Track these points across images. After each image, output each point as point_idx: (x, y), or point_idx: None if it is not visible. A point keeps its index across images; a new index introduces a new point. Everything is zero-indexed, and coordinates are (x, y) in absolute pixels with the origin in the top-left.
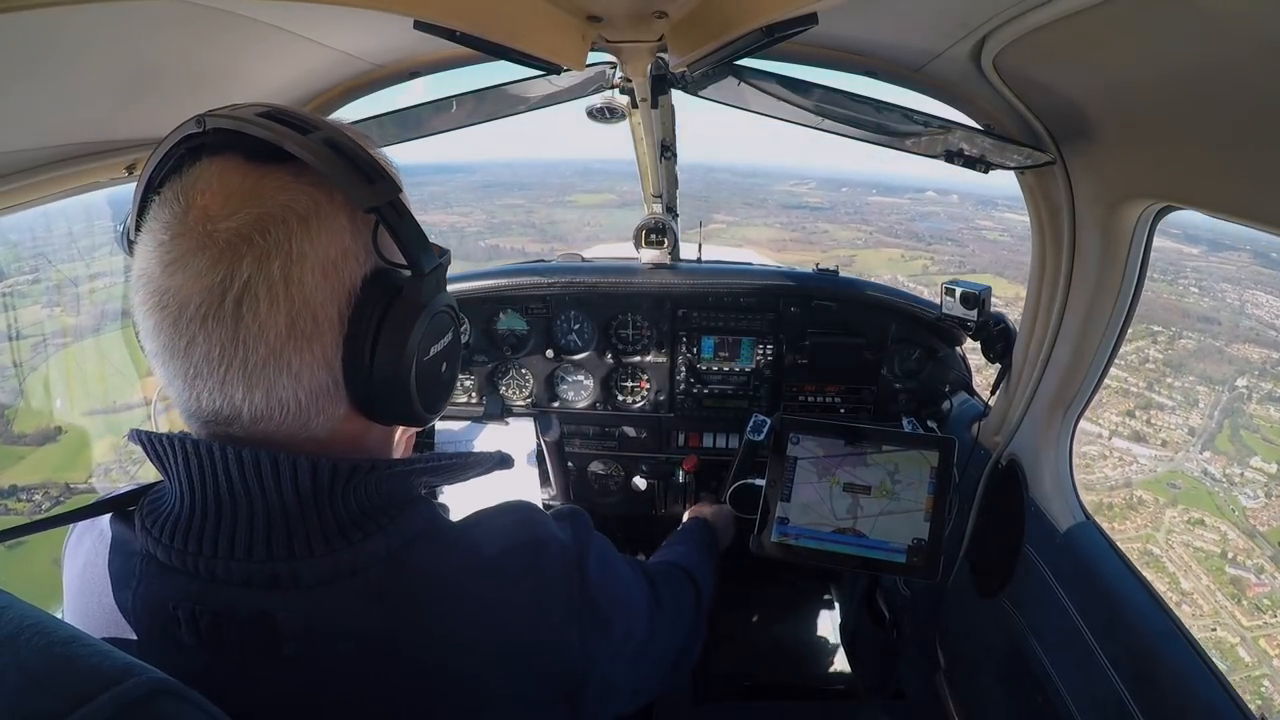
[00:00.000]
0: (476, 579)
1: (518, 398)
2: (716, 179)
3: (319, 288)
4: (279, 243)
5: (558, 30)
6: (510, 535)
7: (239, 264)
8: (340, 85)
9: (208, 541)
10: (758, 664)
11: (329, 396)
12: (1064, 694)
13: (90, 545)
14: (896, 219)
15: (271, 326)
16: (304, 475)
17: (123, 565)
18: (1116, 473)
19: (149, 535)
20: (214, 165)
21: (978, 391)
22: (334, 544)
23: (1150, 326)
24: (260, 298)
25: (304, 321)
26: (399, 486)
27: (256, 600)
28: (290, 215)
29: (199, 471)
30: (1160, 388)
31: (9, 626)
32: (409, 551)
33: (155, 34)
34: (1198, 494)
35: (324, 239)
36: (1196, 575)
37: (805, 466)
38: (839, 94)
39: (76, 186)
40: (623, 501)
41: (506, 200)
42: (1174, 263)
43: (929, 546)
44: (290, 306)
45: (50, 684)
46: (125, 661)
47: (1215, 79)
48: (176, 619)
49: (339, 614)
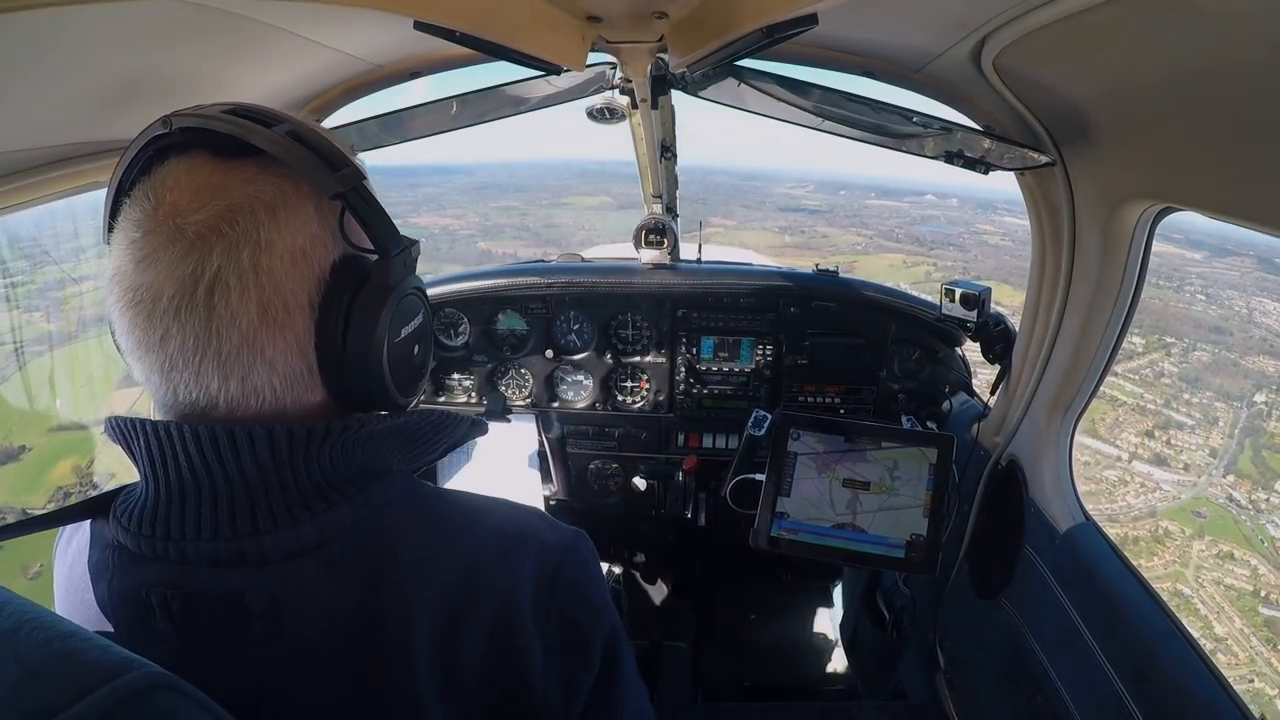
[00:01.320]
0: (449, 555)
1: (517, 398)
2: (714, 181)
3: (289, 275)
4: (247, 232)
5: (557, 31)
6: (497, 521)
7: (209, 255)
8: (340, 85)
9: (174, 524)
10: (758, 664)
11: (303, 383)
12: (1064, 694)
13: (76, 546)
14: (896, 223)
15: (244, 314)
16: (261, 444)
17: (98, 560)
18: (1140, 500)
19: (119, 526)
20: (182, 163)
21: (977, 392)
22: (297, 515)
23: (1163, 338)
24: (231, 286)
25: (275, 308)
26: (370, 455)
27: (225, 579)
28: (258, 205)
29: (160, 453)
30: (1178, 404)
31: (8, 621)
32: (379, 520)
33: (155, 34)
34: (1224, 523)
35: (292, 227)
36: (1229, 618)
37: (805, 462)
38: (839, 95)
39: (76, 186)
40: (622, 501)
41: (501, 203)
42: (1178, 268)
43: (928, 542)
44: (261, 294)
45: (50, 677)
46: (124, 656)
47: (1215, 79)
48: (150, 605)
49: (306, 588)
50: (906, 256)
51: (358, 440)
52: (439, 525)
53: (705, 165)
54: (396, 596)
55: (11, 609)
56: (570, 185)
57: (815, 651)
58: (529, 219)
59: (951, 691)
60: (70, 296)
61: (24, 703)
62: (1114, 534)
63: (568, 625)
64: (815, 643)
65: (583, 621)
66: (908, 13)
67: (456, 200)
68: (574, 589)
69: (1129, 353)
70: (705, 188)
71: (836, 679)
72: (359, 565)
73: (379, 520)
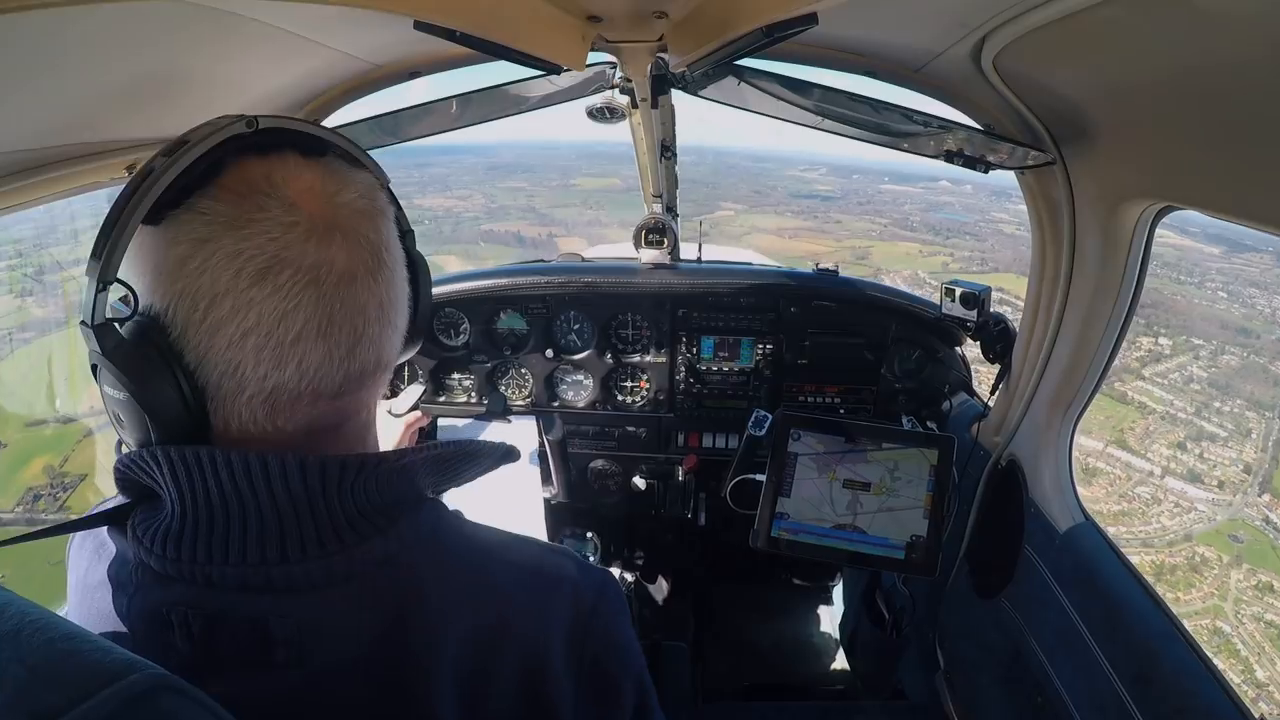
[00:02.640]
0: (479, 597)
1: (517, 397)
2: (724, 162)
3: (397, 249)
4: (380, 210)
5: (558, 30)
6: (528, 563)
7: (369, 234)
8: (340, 85)
9: (201, 548)
10: (758, 663)
11: (394, 345)
12: (1063, 694)
13: (90, 552)
14: (911, 209)
15: (372, 301)
16: (294, 476)
17: (119, 573)
18: (1175, 522)
19: (142, 546)
20: (282, 159)
21: (977, 392)
22: (328, 546)
23: (1190, 339)
24: (386, 263)
25: (397, 289)
26: (403, 485)
27: (251, 605)
28: (374, 191)
29: (188, 479)
30: (1208, 413)
31: (11, 622)
32: (409, 556)
33: (155, 34)
34: (1261, 549)
35: (389, 218)
36: (1270, 659)
37: (805, 462)
38: (839, 94)
39: (77, 186)
40: (623, 501)
41: (509, 183)
42: (1198, 264)
43: (928, 543)
44: (390, 282)
45: (53, 679)
46: (127, 658)
47: (1215, 79)
48: (170, 623)
49: (331, 620)
50: (922, 246)
51: (391, 472)
52: (468, 566)
53: (716, 147)
54: (421, 636)
55: (13, 610)
56: (579, 166)
57: (815, 651)
58: (536, 200)
59: (951, 691)
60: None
61: (27, 704)
62: (1150, 561)
63: (600, 672)
64: (815, 643)
65: (614, 667)
66: (908, 12)
67: (463, 181)
68: (606, 635)
69: (1156, 355)
70: (715, 170)
71: (836, 679)
72: (385, 602)
73: (409, 557)
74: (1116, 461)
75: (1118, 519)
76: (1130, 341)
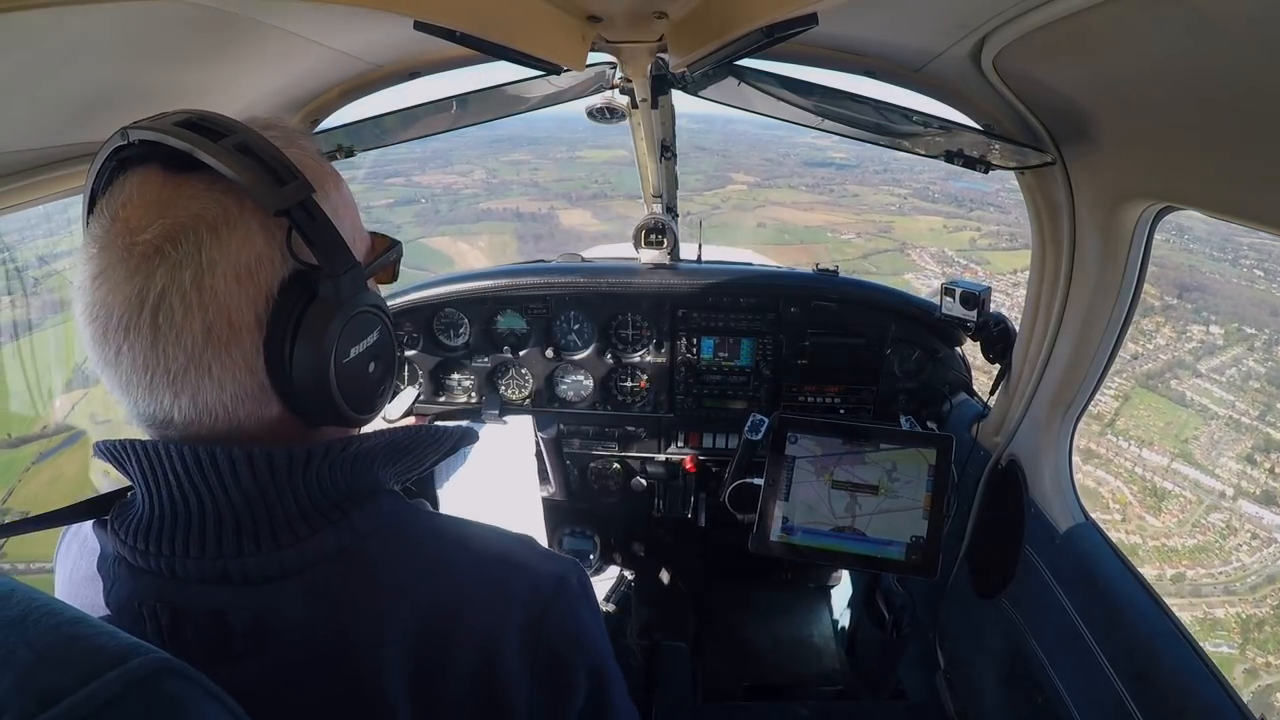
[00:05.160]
0: (433, 588)
1: (517, 397)
2: (735, 130)
3: (233, 294)
4: (189, 253)
5: (558, 30)
6: (483, 552)
7: (154, 275)
8: (340, 85)
9: (166, 541)
10: (758, 664)
11: (256, 399)
12: (1064, 694)
13: (77, 548)
14: (930, 178)
15: (188, 334)
16: (242, 468)
17: (100, 566)
18: (1255, 559)
19: (117, 539)
20: (135, 177)
21: (977, 392)
22: (281, 539)
23: (1242, 327)
24: (175, 307)
25: (220, 328)
26: (360, 476)
27: (211, 597)
28: (200, 224)
29: (151, 473)
30: (1274, 416)
31: (17, 608)
32: (362, 547)
33: (154, 34)
34: None
35: (235, 245)
36: None
37: (804, 465)
38: (839, 94)
39: (76, 187)
40: (622, 501)
41: (512, 156)
42: (1228, 238)
43: (928, 544)
44: (205, 314)
45: (60, 661)
46: (132, 642)
47: (1215, 79)
48: (141, 616)
49: (285, 612)
50: (946, 220)
51: (343, 462)
52: (420, 557)
53: (726, 115)
54: (370, 628)
55: (19, 596)
56: (585, 138)
57: (815, 651)
58: (539, 174)
59: (951, 691)
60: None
61: (34, 685)
62: (1234, 614)
63: (556, 663)
64: (815, 643)
65: (571, 658)
66: (907, 12)
67: (466, 155)
68: (562, 625)
69: (1210, 347)
70: (726, 138)
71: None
72: (338, 594)
73: (362, 547)
74: (1184, 480)
75: (1194, 557)
76: (1180, 331)
